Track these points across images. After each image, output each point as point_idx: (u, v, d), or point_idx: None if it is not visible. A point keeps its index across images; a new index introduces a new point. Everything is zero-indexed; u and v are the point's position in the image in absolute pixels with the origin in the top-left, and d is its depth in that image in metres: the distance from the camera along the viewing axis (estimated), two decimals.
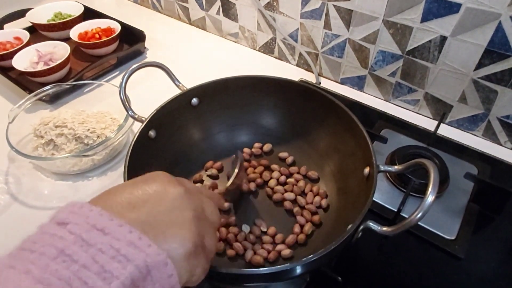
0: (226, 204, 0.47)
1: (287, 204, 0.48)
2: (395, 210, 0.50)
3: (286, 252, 0.42)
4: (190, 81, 0.53)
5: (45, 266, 0.19)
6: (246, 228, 0.46)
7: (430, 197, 0.31)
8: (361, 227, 0.34)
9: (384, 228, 0.33)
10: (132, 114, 0.46)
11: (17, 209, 0.54)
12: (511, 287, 0.44)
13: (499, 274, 0.45)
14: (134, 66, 0.45)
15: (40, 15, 0.87)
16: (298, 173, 0.53)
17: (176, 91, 0.50)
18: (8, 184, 0.57)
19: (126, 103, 0.45)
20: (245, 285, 0.41)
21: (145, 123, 0.44)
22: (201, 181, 0.53)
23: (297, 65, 0.81)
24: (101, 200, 0.24)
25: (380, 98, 0.72)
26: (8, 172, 0.59)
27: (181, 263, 0.23)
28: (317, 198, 0.48)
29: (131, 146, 0.41)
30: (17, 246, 0.21)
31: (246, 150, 0.56)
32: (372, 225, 0.34)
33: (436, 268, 0.46)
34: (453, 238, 0.48)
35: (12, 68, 0.71)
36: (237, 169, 0.41)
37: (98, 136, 0.58)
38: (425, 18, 0.57)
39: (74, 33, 0.81)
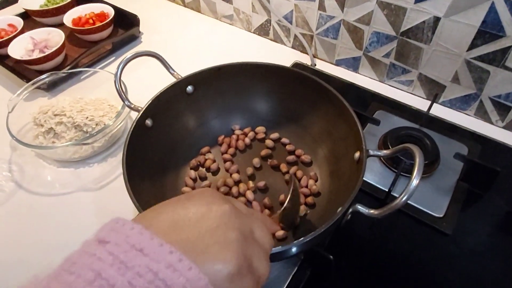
0: (281, 233, 0.44)
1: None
2: (386, 190, 0.52)
3: (280, 233, 0.44)
4: (186, 67, 0.53)
5: None
6: None
7: (414, 181, 0.33)
8: (350, 210, 0.36)
9: (372, 211, 0.35)
10: (129, 104, 0.47)
11: (22, 196, 0.56)
12: (496, 259, 0.46)
13: (485, 248, 0.48)
14: (129, 56, 0.45)
15: (33, 0, 0.86)
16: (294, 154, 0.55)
17: (171, 76, 0.51)
18: (12, 172, 0.59)
19: (122, 94, 0.46)
20: None
21: (141, 112, 0.45)
22: (197, 167, 0.54)
23: (292, 46, 0.81)
24: (146, 218, 0.24)
25: (374, 79, 0.73)
26: (11, 160, 0.61)
27: (224, 285, 0.22)
28: (311, 182, 0.50)
29: (129, 136, 0.43)
30: (58, 264, 0.20)
31: (237, 132, 0.57)
32: (360, 208, 0.36)
33: (425, 244, 0.48)
34: (441, 215, 0.50)
35: (7, 56, 0.71)
36: (290, 194, 0.39)
37: (96, 124, 0.59)
38: None
39: (68, 18, 0.80)
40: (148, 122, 0.47)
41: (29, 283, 0.19)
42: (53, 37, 0.76)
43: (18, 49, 0.73)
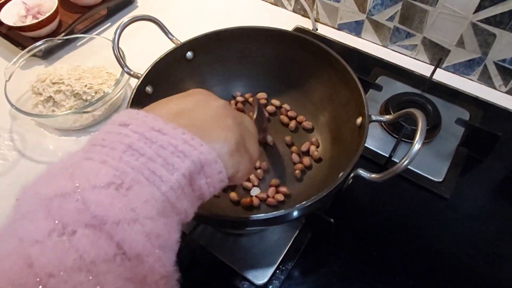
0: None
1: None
2: (387, 156, 0.52)
3: (280, 196, 0.46)
4: (184, 32, 0.52)
5: (118, 157, 0.21)
6: (255, 191, 0.48)
7: (416, 146, 0.33)
8: (352, 174, 0.36)
9: (373, 175, 0.35)
10: (128, 70, 0.46)
11: (26, 165, 0.56)
12: (492, 222, 0.48)
13: (482, 212, 0.49)
14: (126, 20, 0.44)
15: None
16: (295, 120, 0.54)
17: (170, 42, 0.49)
18: (14, 141, 0.59)
19: (121, 60, 0.45)
20: (246, 229, 0.45)
21: (141, 79, 0.44)
22: None
23: (294, 10, 0.78)
24: (153, 109, 0.26)
25: (377, 44, 0.71)
26: (12, 129, 0.61)
27: (226, 159, 0.25)
28: (312, 148, 0.50)
29: (130, 103, 0.42)
30: (87, 142, 0.23)
31: (239, 98, 0.57)
32: (361, 172, 0.36)
33: (423, 208, 0.49)
34: (440, 180, 0.51)
35: (0, 23, 0.69)
36: (256, 109, 0.43)
37: (96, 92, 0.59)
38: None
39: None
40: (149, 89, 0.46)
41: (60, 159, 0.22)
42: (45, 2, 0.73)
43: (11, 15, 0.70)
